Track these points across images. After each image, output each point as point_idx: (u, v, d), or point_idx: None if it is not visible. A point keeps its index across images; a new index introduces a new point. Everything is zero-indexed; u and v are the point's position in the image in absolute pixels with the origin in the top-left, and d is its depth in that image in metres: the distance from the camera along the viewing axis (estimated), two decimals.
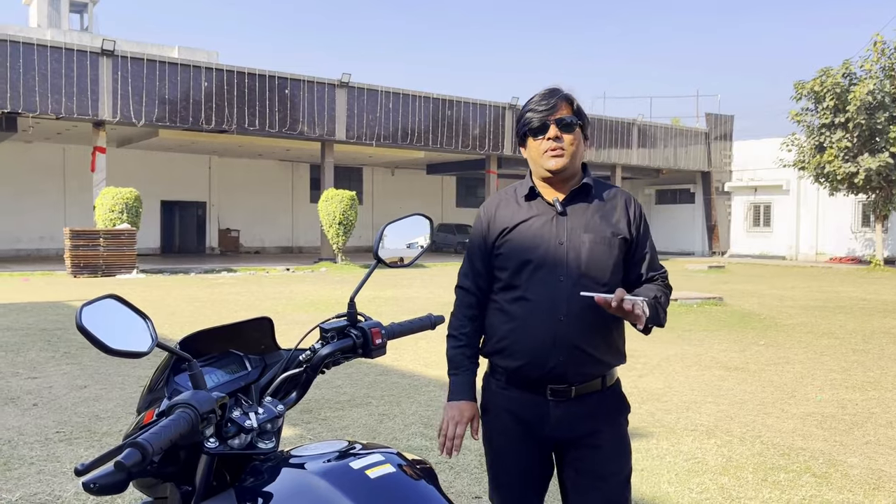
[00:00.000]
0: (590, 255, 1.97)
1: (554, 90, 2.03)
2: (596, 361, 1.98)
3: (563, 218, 2.02)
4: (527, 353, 1.97)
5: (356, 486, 1.19)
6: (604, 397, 2.03)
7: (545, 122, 1.97)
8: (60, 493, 3.67)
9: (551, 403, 1.98)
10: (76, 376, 6.46)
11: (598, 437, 2.00)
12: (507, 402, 2.04)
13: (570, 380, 1.96)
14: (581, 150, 2.04)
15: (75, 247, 18.19)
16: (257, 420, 1.34)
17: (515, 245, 2.02)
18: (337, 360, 1.54)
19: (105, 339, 1.14)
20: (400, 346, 8.08)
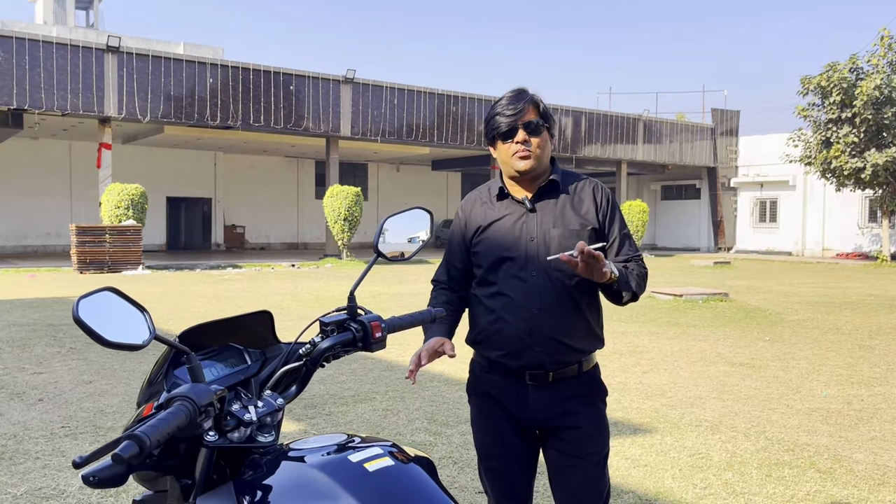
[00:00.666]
0: (559, 249, 2.03)
1: (521, 93, 2.10)
2: (571, 350, 2.09)
3: (533, 215, 2.11)
4: (505, 345, 2.09)
5: (354, 479, 1.19)
6: (580, 381, 2.13)
7: (513, 125, 2.05)
8: (65, 488, 3.68)
9: (530, 388, 2.09)
10: (82, 371, 6.48)
11: (575, 418, 2.10)
12: (490, 385, 2.17)
13: (546, 367, 2.07)
14: (548, 150, 2.12)
15: (81, 243, 18.25)
16: (257, 413, 1.34)
17: (490, 243, 2.14)
18: (337, 353, 1.54)
19: (102, 331, 1.14)
20: (405, 342, 8.08)
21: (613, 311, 11.15)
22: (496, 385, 2.15)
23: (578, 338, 2.10)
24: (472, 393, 2.25)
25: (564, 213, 2.11)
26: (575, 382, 2.12)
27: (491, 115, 2.11)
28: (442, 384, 6.11)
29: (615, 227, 2.15)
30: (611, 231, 2.15)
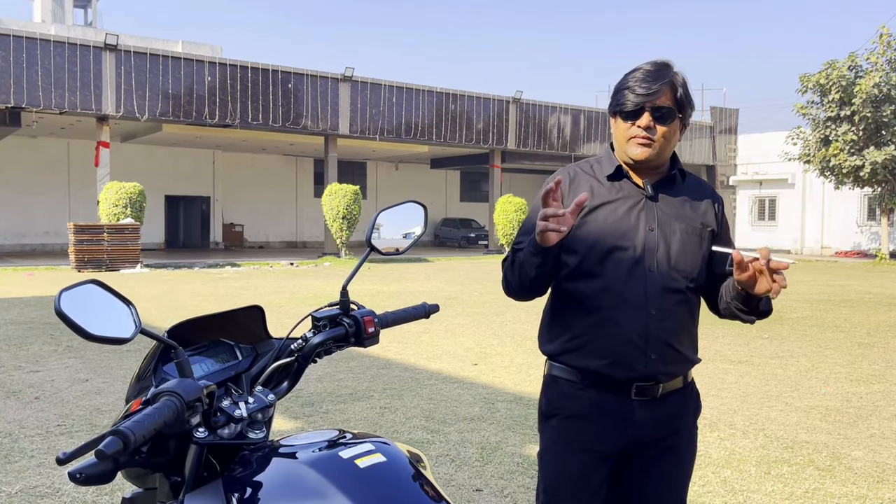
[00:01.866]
0: (681, 246, 1.82)
1: (661, 70, 1.80)
2: (683, 359, 1.85)
3: (654, 204, 1.84)
4: (612, 352, 1.77)
5: (345, 475, 1.17)
6: (684, 396, 1.89)
7: (640, 106, 1.77)
8: (60, 486, 3.66)
9: (636, 404, 1.80)
10: (78, 370, 6.46)
11: (678, 438, 1.86)
12: (582, 405, 1.81)
13: (658, 379, 1.80)
14: (674, 142, 1.83)
15: (79, 241, 18.21)
16: (247, 409, 1.32)
17: (597, 228, 1.80)
18: (329, 349, 1.52)
19: (85, 324, 1.12)
20: (403, 340, 8.06)
21: None
22: (592, 404, 1.81)
23: (687, 345, 1.86)
24: (551, 416, 1.87)
25: (687, 209, 1.86)
26: (680, 396, 1.87)
27: (620, 86, 1.82)
28: (440, 382, 6.09)
29: (729, 238, 1.94)
30: (727, 240, 1.91)
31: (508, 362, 6.99)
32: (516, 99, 27.86)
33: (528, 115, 28.46)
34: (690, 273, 1.82)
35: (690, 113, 1.85)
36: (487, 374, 6.42)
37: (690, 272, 1.82)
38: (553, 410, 1.86)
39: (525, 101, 28.23)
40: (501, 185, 29.71)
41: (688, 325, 1.86)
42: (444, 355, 7.30)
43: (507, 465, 4.01)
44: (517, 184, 36.77)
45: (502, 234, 26.61)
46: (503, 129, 27.85)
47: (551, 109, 29.12)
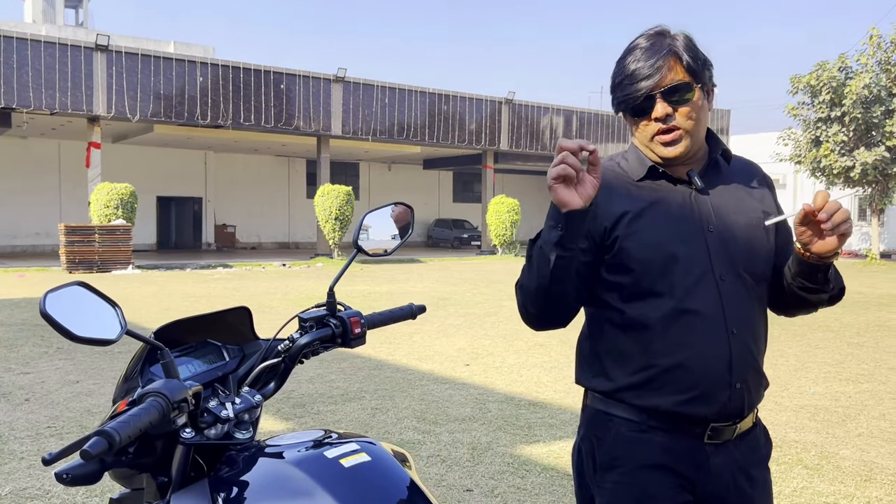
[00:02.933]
0: (747, 244, 1.50)
1: (657, 41, 1.46)
2: (762, 382, 1.56)
3: (705, 197, 1.51)
4: (692, 385, 1.44)
5: (330, 475, 1.18)
6: (757, 435, 1.57)
7: (649, 94, 1.44)
8: (50, 488, 3.65)
9: (709, 449, 1.47)
10: (69, 371, 6.44)
11: (752, 485, 1.52)
12: (649, 452, 1.47)
13: (743, 413, 1.49)
14: (705, 117, 1.49)
15: (70, 242, 18.14)
16: (234, 410, 1.33)
17: (649, 237, 1.46)
18: (316, 349, 1.52)
19: (70, 326, 1.12)
20: (395, 341, 8.07)
21: None
22: (661, 451, 1.47)
23: (762, 362, 1.56)
24: (612, 468, 1.51)
25: (743, 198, 1.54)
26: (753, 435, 1.55)
27: (618, 75, 1.49)
28: (431, 382, 6.10)
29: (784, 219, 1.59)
30: (786, 226, 1.59)
31: (500, 363, 7.00)
32: (509, 100, 27.90)
33: (521, 116, 28.51)
34: (763, 273, 1.52)
35: (710, 74, 1.50)
36: (479, 375, 6.44)
37: (762, 273, 1.52)
38: (614, 461, 1.50)
39: (517, 102, 28.28)
40: (494, 185, 29.75)
41: (764, 337, 1.56)
42: (435, 356, 7.31)
43: (497, 466, 4.02)
44: (510, 184, 36.81)
45: (495, 235, 26.64)
46: (496, 129, 27.89)
47: (544, 110, 29.18)
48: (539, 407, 5.35)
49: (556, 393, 5.78)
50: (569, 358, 7.30)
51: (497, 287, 14.89)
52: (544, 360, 7.13)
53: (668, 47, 1.45)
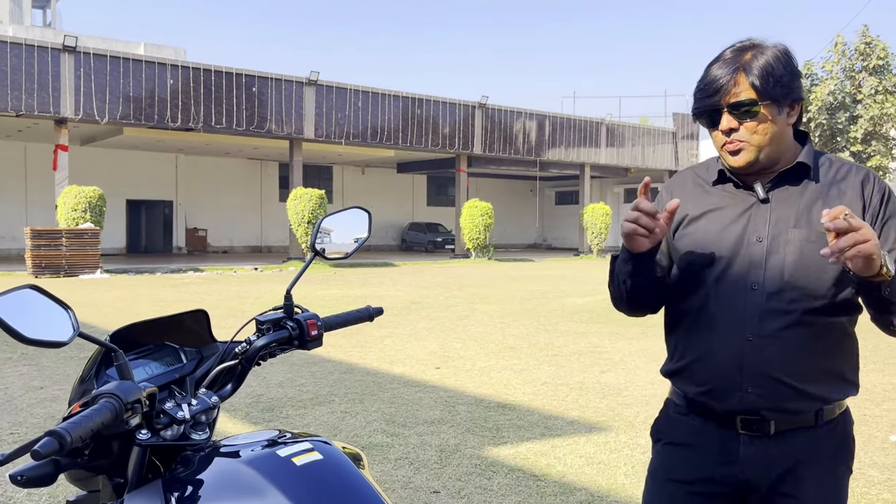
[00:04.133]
0: (798, 258, 1.52)
1: (736, 56, 1.54)
2: (801, 395, 1.54)
3: (765, 207, 1.57)
4: (708, 380, 1.58)
5: (282, 473, 1.20)
6: (817, 436, 1.57)
7: (715, 108, 1.54)
8: (13, 495, 3.61)
9: (743, 438, 1.56)
10: (33, 377, 6.35)
11: (801, 485, 1.55)
12: (687, 432, 1.64)
13: (763, 415, 1.55)
14: (779, 130, 1.54)
15: (37, 246, 17.84)
16: (190, 411, 1.34)
17: (698, 239, 1.60)
18: (273, 351, 1.54)
19: (20, 328, 1.13)
20: (366, 344, 8.07)
21: (577, 312, 11.28)
22: (694, 432, 1.62)
23: (814, 379, 1.54)
24: (657, 440, 1.73)
25: (812, 210, 1.54)
26: (809, 436, 1.56)
27: (697, 85, 1.58)
28: (401, 386, 6.11)
29: (892, 230, 1.53)
30: (887, 236, 1.53)
31: (470, 366, 7.04)
32: (482, 104, 28.03)
33: (494, 121, 28.66)
34: (816, 290, 1.51)
35: (790, 90, 1.53)
36: (449, 378, 6.47)
37: (815, 289, 1.51)
38: (658, 434, 1.72)
39: (491, 107, 28.42)
40: (468, 189, 29.86)
41: (811, 354, 1.53)
42: (406, 359, 7.33)
43: (465, 467, 4.05)
44: (484, 188, 36.95)
45: (469, 239, 26.72)
46: (469, 133, 28.00)
47: (517, 114, 29.36)
48: (508, 409, 5.39)
49: (524, 395, 5.84)
50: (538, 360, 7.37)
51: (470, 290, 14.95)
52: (514, 363, 7.18)
53: (739, 63, 1.52)
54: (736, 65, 1.52)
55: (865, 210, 1.54)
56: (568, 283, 16.89)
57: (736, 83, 1.51)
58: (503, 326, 9.76)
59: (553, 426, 4.96)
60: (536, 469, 4.05)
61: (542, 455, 4.29)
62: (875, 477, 3.98)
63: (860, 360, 1.63)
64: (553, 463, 4.16)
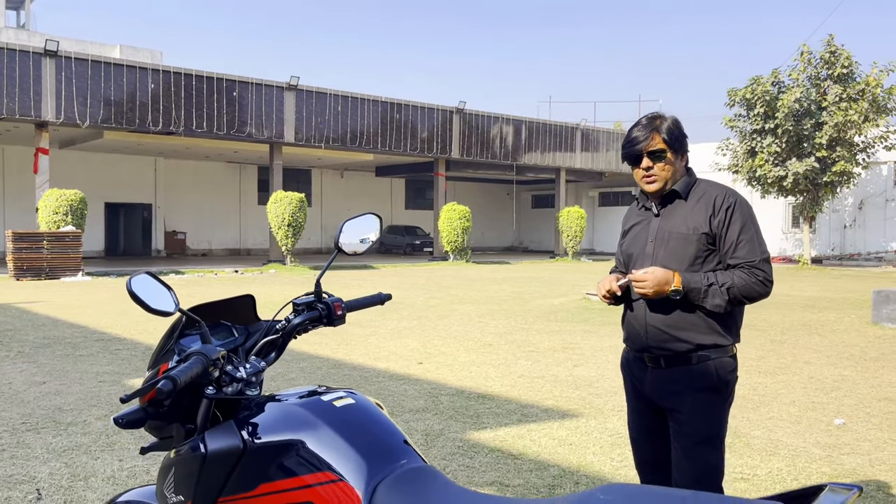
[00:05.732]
0: (668, 250, 2.37)
1: (649, 121, 2.39)
2: (676, 339, 2.33)
3: (657, 220, 2.45)
4: (628, 331, 2.50)
5: (327, 412, 1.59)
6: (694, 370, 2.34)
7: (639, 154, 2.37)
8: (35, 474, 3.94)
9: (649, 369, 2.42)
10: (34, 374, 6.62)
11: (680, 399, 2.35)
12: (628, 365, 2.53)
13: (654, 353, 2.38)
14: (676, 168, 2.40)
15: (18, 249, 17.92)
16: (246, 372, 1.73)
17: (627, 243, 2.56)
18: (306, 328, 1.93)
19: (148, 301, 1.53)
20: (351, 342, 8.44)
21: (552, 312, 11.73)
22: (630, 365, 2.51)
23: (685, 329, 2.32)
24: (621, 366, 2.60)
25: (682, 219, 2.38)
26: (686, 370, 2.34)
27: (624, 140, 2.43)
28: (387, 379, 6.49)
29: (730, 232, 2.33)
30: (726, 236, 2.34)
31: (452, 361, 7.44)
32: (460, 109, 28.48)
33: (472, 125, 29.13)
34: (678, 269, 2.32)
35: (682, 144, 2.40)
36: (432, 372, 6.86)
37: (678, 268, 2.32)
38: (622, 366, 2.60)
39: (468, 112, 28.89)
40: (446, 193, 30.26)
41: (682, 313, 2.32)
42: (390, 355, 7.71)
43: (449, 448, 4.45)
44: (461, 192, 37.39)
45: (447, 241, 27.13)
46: (447, 138, 28.43)
47: (494, 119, 29.85)
48: (487, 399, 5.80)
49: (502, 387, 6.25)
50: (515, 356, 7.79)
51: (449, 292, 15.35)
52: (493, 359, 7.59)
53: (654, 125, 2.37)
54: (652, 127, 2.38)
55: (714, 216, 2.35)
56: (543, 285, 17.37)
57: (652, 138, 2.37)
58: (482, 325, 10.17)
59: (529, 413, 5.38)
60: (514, 449, 4.46)
61: (519, 438, 4.70)
62: (817, 454, 4.45)
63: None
64: (529, 444, 4.57)
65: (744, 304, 2.36)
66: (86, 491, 3.72)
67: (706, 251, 2.35)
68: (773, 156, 24.91)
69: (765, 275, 2.32)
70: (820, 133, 24.14)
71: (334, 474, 1.50)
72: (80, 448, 4.41)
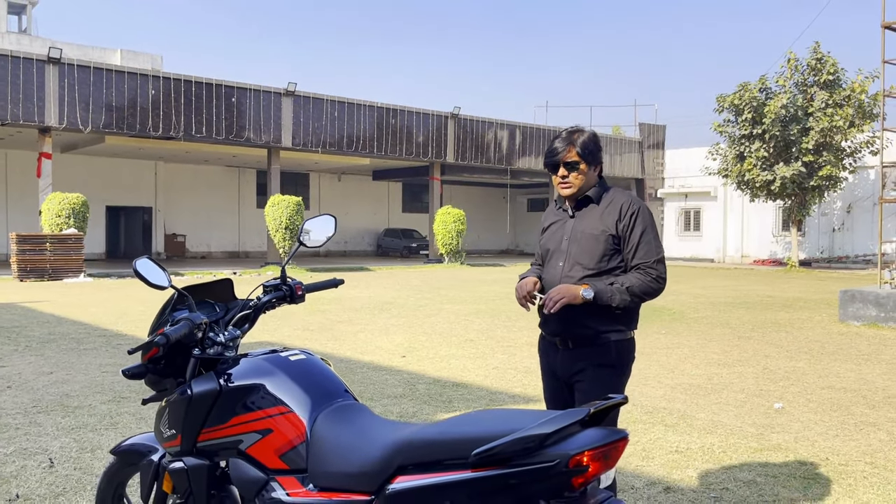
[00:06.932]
0: (580, 248, 2.73)
1: (569, 134, 2.76)
2: (580, 325, 2.69)
3: (572, 220, 2.81)
4: (544, 317, 2.83)
5: (282, 363, 2.10)
6: (595, 351, 2.72)
7: (556, 163, 2.75)
8: (47, 447, 4.43)
9: (560, 349, 2.79)
10: (41, 365, 7.11)
11: (582, 376, 2.73)
12: (542, 344, 2.94)
13: (563, 336, 2.75)
14: (589, 178, 2.78)
15: (22, 251, 18.42)
16: (224, 338, 2.22)
17: (546, 238, 2.90)
18: (273, 305, 2.43)
19: (148, 277, 2.04)
20: (340, 338, 8.94)
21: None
22: (544, 347, 2.91)
23: (588, 316, 2.67)
24: (539, 355, 2.98)
25: (593, 221, 2.74)
26: (588, 350, 2.71)
27: (546, 150, 2.81)
28: (370, 370, 6.98)
29: (633, 236, 2.70)
30: (629, 238, 2.71)
31: (433, 354, 7.93)
32: (454, 114, 29.02)
33: (466, 130, 29.66)
34: (587, 264, 2.70)
35: (595, 157, 2.77)
36: (413, 364, 7.35)
37: (587, 264, 2.70)
38: (539, 350, 2.97)
39: (463, 117, 29.42)
40: (441, 196, 30.78)
41: (587, 306, 2.64)
42: (376, 350, 8.20)
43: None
44: (457, 195, 37.93)
45: (442, 244, 27.63)
46: (443, 142, 28.96)
47: (488, 124, 30.39)
48: (461, 387, 6.29)
49: (477, 377, 6.74)
50: (493, 350, 8.28)
51: (440, 292, 15.84)
52: (472, 352, 8.08)
53: (570, 139, 2.74)
54: (569, 140, 2.78)
55: (620, 220, 2.72)
56: None
57: (569, 151, 2.76)
58: (466, 323, 10.66)
59: (497, 398, 5.87)
60: None
61: None
62: (750, 432, 4.93)
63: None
64: None
65: (643, 300, 2.72)
66: (92, 461, 4.21)
67: (612, 250, 2.73)
68: (761, 160, 25.42)
69: (657, 273, 2.72)
70: (806, 138, 24.65)
71: (286, 408, 2.01)
72: (87, 427, 4.91)
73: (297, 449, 1.97)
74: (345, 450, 1.92)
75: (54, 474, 3.97)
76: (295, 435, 1.98)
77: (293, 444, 1.98)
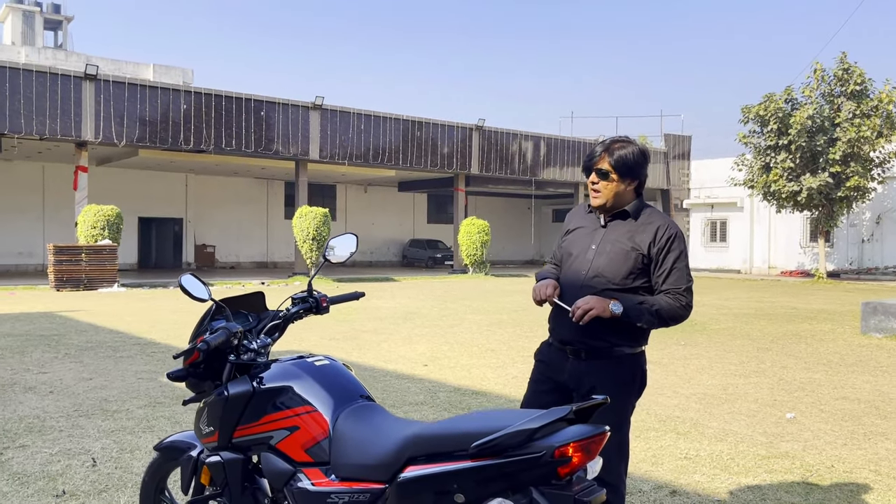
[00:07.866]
0: (607, 260, 2.62)
1: (610, 142, 2.67)
2: (598, 337, 2.59)
3: (602, 230, 2.71)
4: (555, 324, 2.74)
5: (308, 368, 2.35)
6: (610, 363, 2.61)
7: (588, 167, 2.70)
8: (89, 448, 4.72)
9: (570, 359, 2.67)
10: (81, 371, 7.46)
11: (594, 389, 2.58)
12: (547, 353, 2.80)
13: (577, 347, 2.63)
14: (622, 191, 2.65)
15: (59, 262, 19.02)
16: (257, 345, 2.48)
17: (569, 242, 2.79)
18: (300, 315, 2.68)
19: (192, 291, 2.30)
20: (364, 347, 9.19)
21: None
22: (547, 353, 2.78)
23: (608, 329, 2.56)
24: (537, 357, 2.87)
25: (625, 237, 2.63)
26: (604, 364, 2.60)
27: (588, 152, 2.74)
28: (393, 378, 7.22)
29: (667, 261, 2.60)
30: (662, 262, 2.61)
31: (455, 364, 8.14)
32: (479, 126, 29.30)
33: (491, 142, 29.92)
34: (612, 278, 2.59)
35: (632, 171, 2.64)
36: (434, 373, 7.58)
37: (612, 278, 2.60)
38: (537, 355, 2.88)
39: (487, 129, 29.70)
40: (466, 207, 31.05)
41: (603, 319, 2.52)
42: (399, 359, 8.44)
43: None
44: (482, 206, 38.18)
45: (466, 255, 27.86)
46: (467, 154, 29.25)
47: (513, 136, 30.62)
48: (481, 395, 6.50)
49: (496, 385, 6.94)
50: (513, 360, 8.47)
51: (463, 303, 16.06)
52: (493, 362, 8.28)
53: (609, 147, 2.64)
54: (605, 148, 2.69)
55: (654, 242, 2.63)
56: None
57: (602, 158, 2.67)
58: (489, 333, 10.86)
59: (514, 406, 6.06)
60: None
61: None
62: (760, 441, 5.07)
63: None
64: None
65: (668, 325, 2.62)
66: (132, 460, 4.49)
67: (639, 269, 2.63)
68: (787, 171, 25.30)
69: (687, 300, 2.64)
70: (833, 149, 24.48)
71: (311, 407, 2.25)
72: (126, 430, 5.20)
73: (321, 444, 2.22)
74: (363, 444, 2.15)
75: (97, 473, 4.26)
76: (319, 431, 2.23)
77: (317, 440, 2.22)
